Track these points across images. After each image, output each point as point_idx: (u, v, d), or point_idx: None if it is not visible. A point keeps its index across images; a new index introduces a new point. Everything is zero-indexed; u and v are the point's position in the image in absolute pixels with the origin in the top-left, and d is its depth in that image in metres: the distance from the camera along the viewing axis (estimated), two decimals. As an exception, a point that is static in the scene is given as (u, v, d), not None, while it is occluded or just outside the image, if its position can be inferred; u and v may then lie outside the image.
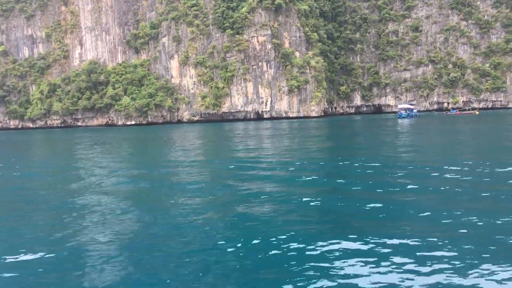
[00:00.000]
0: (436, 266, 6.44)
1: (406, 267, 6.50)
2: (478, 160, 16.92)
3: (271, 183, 14.33)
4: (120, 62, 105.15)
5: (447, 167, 15.18)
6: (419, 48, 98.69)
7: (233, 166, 19.13)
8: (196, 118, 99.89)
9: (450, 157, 18.71)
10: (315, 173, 16.28)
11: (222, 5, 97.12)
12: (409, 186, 12.29)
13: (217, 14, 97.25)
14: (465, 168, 14.83)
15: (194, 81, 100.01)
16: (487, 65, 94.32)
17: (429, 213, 9.39)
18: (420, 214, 9.34)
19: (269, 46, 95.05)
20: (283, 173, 16.49)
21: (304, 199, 11.36)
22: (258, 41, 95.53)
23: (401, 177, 13.94)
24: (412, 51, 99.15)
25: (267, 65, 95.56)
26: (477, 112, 78.47)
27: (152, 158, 26.17)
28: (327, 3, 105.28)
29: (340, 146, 28.80)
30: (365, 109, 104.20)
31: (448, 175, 13.71)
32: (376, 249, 7.28)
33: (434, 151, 22.61)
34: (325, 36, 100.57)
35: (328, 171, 16.95)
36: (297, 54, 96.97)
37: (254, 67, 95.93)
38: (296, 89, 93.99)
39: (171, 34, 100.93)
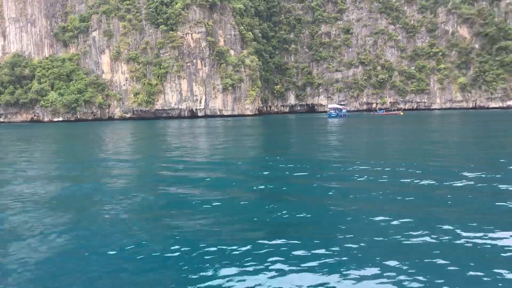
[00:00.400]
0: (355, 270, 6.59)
1: (328, 269, 6.61)
2: (398, 161, 17.91)
3: (200, 184, 14.09)
4: (47, 56, 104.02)
5: (369, 167, 16.06)
6: (350, 50, 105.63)
7: (161, 166, 18.92)
8: (128, 115, 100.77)
9: (374, 157, 19.57)
10: (246, 172, 16.68)
11: (155, 0, 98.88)
12: (334, 189, 12.60)
13: (150, 9, 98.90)
14: (387, 169, 15.55)
15: (126, 77, 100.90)
16: (413, 68, 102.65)
17: (351, 215, 9.64)
18: (343, 217, 9.58)
19: (203, 43, 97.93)
20: (214, 174, 16.44)
21: (233, 201, 11.47)
22: (192, 38, 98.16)
23: (328, 178, 14.54)
24: (343, 52, 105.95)
25: (201, 62, 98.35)
26: (401, 113, 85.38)
27: (72, 156, 25.22)
28: (262, 2, 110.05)
29: (272, 145, 29.97)
30: (299, 108, 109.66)
31: (370, 176, 14.42)
32: (301, 251, 7.38)
33: (358, 150, 23.88)
34: (260, 35, 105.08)
35: (260, 171, 17.10)
36: (232, 52, 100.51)
37: (188, 64, 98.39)
38: (230, 88, 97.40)
39: (102, 28, 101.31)
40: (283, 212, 10.03)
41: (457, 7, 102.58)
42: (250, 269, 6.60)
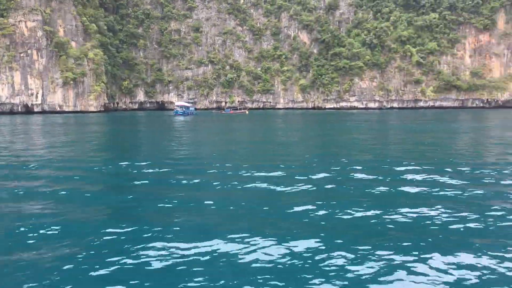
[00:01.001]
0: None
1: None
2: (239, 161, 20.11)
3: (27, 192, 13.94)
4: None
5: (210, 166, 18.49)
6: (200, 48, 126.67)
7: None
8: None
9: (213, 156, 22.68)
10: (88, 172, 17.93)
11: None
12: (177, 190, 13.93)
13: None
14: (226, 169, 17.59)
15: None
16: (259, 68, 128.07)
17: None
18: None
19: (40, 33, 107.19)
20: (48, 173, 17.39)
21: (80, 200, 12.68)
22: (27, 27, 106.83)
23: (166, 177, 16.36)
24: (193, 50, 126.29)
25: (37, 53, 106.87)
26: (247, 112, 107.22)
27: None
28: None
29: (112, 144, 33.24)
30: (148, 105, 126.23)
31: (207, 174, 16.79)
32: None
33: (198, 149, 27.23)
34: (106, 28, 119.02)
35: (100, 171, 18.25)
36: (73, 44, 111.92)
37: (22, 55, 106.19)
38: (72, 82, 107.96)
39: None
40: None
41: (298, 13, 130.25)
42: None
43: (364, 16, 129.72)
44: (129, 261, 7.98)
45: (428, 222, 10.29)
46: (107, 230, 9.76)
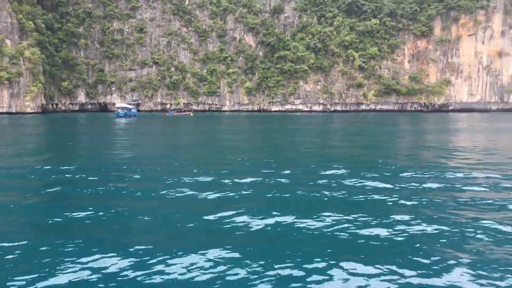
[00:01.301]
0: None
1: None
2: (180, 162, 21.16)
3: None
4: None
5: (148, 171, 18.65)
6: (144, 49, 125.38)
7: None
8: None
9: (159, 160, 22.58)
10: (12, 178, 17.48)
11: None
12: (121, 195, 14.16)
13: None
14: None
15: None
16: (205, 70, 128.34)
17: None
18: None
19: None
20: None
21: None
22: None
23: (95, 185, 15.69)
24: (137, 51, 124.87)
25: None
26: (191, 114, 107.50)
27: None
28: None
29: (43, 146, 32.61)
30: (90, 106, 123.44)
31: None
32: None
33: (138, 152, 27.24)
34: (44, 26, 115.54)
35: (24, 176, 17.71)
36: (8, 42, 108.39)
37: None
38: (7, 82, 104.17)
39: None
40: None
41: (243, 16, 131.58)
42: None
43: (308, 20, 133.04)
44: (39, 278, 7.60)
45: (342, 227, 10.43)
46: (22, 243, 9.31)
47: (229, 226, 10.58)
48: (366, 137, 40.38)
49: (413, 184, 15.68)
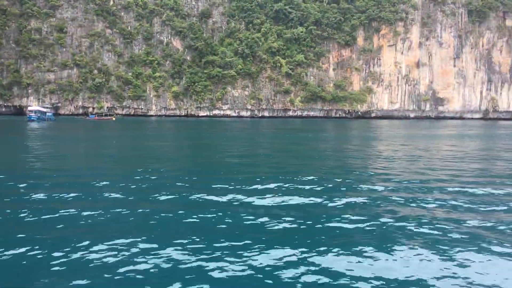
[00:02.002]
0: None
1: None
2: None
3: None
4: None
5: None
6: (64, 50, 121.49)
7: None
8: None
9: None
10: None
11: None
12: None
13: None
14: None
15: None
16: (130, 74, 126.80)
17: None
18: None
19: None
20: None
21: None
22: None
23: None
24: (56, 52, 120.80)
25: None
26: (113, 118, 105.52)
27: None
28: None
29: None
30: (4, 109, 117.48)
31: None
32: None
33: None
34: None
35: None
36: None
37: None
38: None
39: None
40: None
41: (170, 19, 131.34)
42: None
43: (236, 26, 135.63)
44: None
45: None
46: None
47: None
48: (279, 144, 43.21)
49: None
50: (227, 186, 16.43)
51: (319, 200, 14.21)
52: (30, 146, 35.17)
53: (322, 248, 9.42)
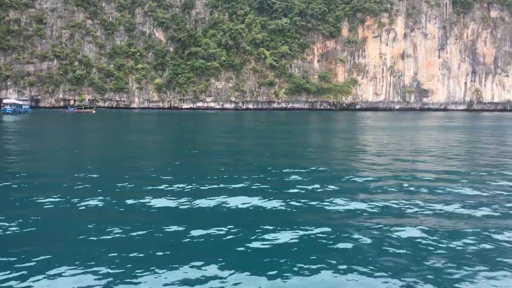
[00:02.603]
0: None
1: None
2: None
3: None
4: None
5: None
6: (44, 41, 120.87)
7: None
8: None
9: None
10: None
11: None
12: None
13: None
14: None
15: None
16: (112, 65, 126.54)
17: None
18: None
19: None
20: None
21: None
22: None
23: None
24: (36, 43, 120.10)
25: None
26: (93, 111, 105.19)
27: None
28: None
29: None
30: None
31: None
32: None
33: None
34: None
35: None
36: None
37: None
38: None
39: None
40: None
41: (153, 10, 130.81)
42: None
43: (220, 17, 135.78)
44: None
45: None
46: None
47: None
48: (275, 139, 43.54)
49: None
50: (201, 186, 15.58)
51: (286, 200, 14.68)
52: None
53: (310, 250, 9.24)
